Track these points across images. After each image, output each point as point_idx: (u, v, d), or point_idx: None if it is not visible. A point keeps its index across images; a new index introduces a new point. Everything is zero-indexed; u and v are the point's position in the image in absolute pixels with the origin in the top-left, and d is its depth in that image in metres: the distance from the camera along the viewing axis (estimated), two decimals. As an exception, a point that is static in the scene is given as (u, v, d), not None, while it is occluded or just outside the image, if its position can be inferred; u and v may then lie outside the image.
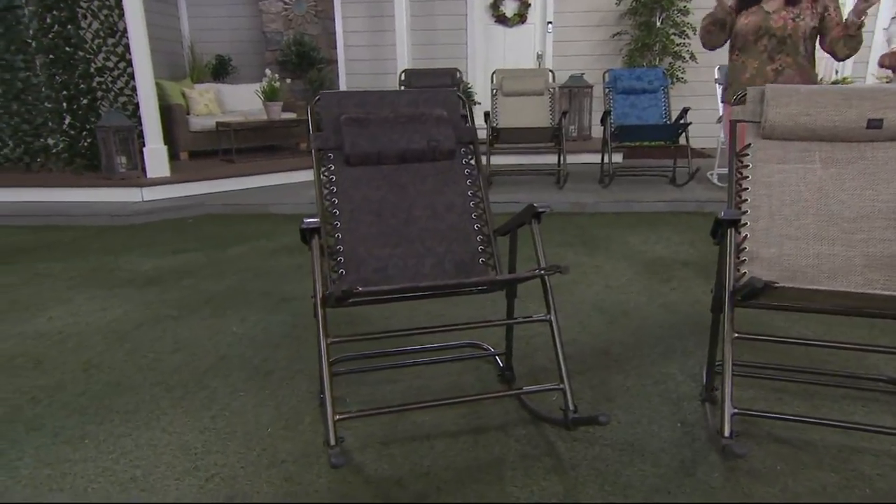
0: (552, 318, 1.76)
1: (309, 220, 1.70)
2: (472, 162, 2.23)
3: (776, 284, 1.44)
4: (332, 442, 1.55)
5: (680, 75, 7.52)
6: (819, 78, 6.06)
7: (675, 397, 2.07)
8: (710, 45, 3.23)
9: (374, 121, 2.16)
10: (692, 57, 7.41)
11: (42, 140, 5.45)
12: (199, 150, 6.90)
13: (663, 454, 1.75)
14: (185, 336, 2.65)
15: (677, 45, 7.40)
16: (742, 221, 2.01)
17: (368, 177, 2.13)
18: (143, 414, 2.02)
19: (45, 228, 4.76)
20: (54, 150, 5.44)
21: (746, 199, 2.05)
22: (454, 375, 2.26)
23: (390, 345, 2.52)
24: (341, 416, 1.63)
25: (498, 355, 2.30)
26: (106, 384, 2.23)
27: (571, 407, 1.69)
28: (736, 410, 1.58)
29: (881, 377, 2.15)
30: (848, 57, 2.99)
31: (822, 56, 7.98)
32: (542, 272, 1.65)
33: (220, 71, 8.98)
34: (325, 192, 2.09)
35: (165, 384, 2.23)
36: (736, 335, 1.64)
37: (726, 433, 1.56)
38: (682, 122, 5.27)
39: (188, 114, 6.90)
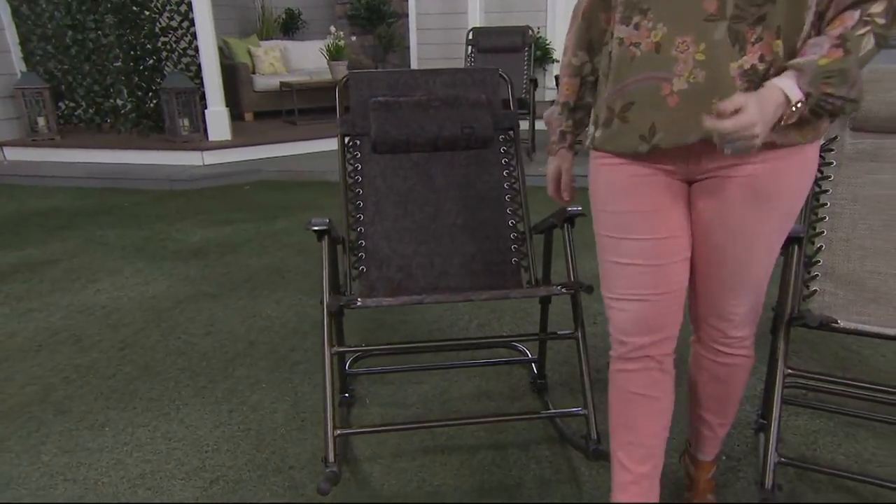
0: (579, 335, 1.65)
1: (317, 220, 1.66)
2: (512, 150, 2.11)
3: (836, 323, 1.26)
4: (331, 458, 1.53)
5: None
6: None
7: (726, 424, 1.92)
8: None
9: (404, 105, 2.06)
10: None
11: (111, 101, 5.70)
12: (264, 111, 7.03)
13: (700, 493, 1.63)
14: (220, 317, 2.72)
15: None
16: (818, 230, 1.80)
17: (396, 166, 2.06)
18: (165, 402, 2.09)
19: (108, 191, 5.01)
20: (122, 111, 5.68)
21: (825, 204, 1.82)
22: (483, 379, 2.19)
23: (423, 336, 2.49)
24: (342, 432, 1.61)
25: (532, 361, 2.21)
26: (136, 366, 2.32)
27: (594, 436, 1.59)
28: (782, 459, 1.43)
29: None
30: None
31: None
32: (563, 290, 1.54)
33: (290, 26, 9.07)
34: (350, 181, 2.04)
35: (192, 370, 2.29)
36: (789, 371, 1.47)
37: (768, 484, 1.41)
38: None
39: (253, 73, 7.02)
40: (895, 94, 1.80)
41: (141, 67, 5.58)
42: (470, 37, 5.76)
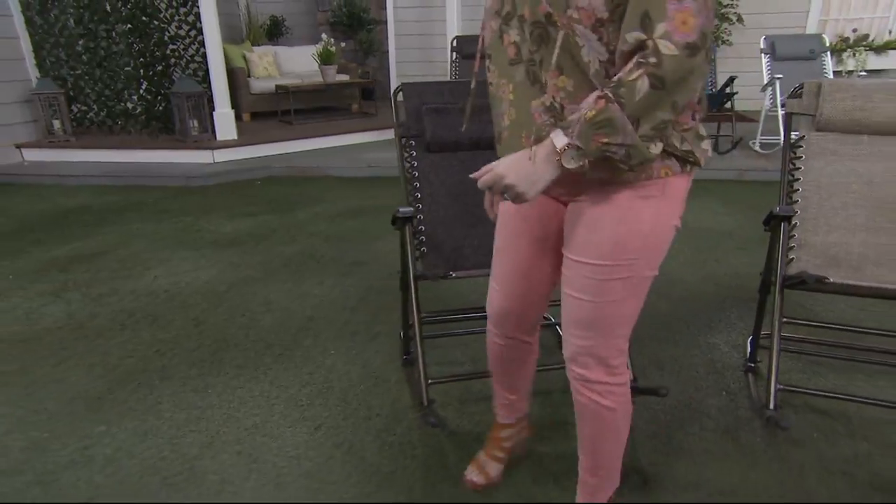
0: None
1: (404, 209, 1.87)
2: (539, 148, 2.34)
3: (827, 280, 1.55)
4: (426, 402, 1.76)
5: (726, 38, 7.33)
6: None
7: (720, 367, 2.22)
8: None
9: (451, 110, 2.28)
10: (739, 19, 7.21)
11: (122, 104, 5.69)
12: (260, 112, 7.07)
13: (709, 419, 1.92)
14: (273, 297, 2.89)
15: (725, 6, 7.20)
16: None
17: (446, 163, 2.27)
18: (251, 368, 2.27)
19: (129, 189, 5.04)
20: (133, 114, 5.68)
21: (798, 189, 2.13)
22: (518, 341, 2.44)
23: (457, 306, 2.72)
24: (433, 381, 1.83)
25: (557, 325, 2.47)
26: (214, 340, 2.49)
27: (631, 377, 1.86)
28: (781, 386, 1.73)
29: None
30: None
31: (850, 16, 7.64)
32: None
33: (275, 32, 9.06)
34: (408, 176, 2.25)
35: (264, 342, 2.47)
36: (786, 319, 1.77)
37: (771, 406, 1.71)
38: (727, 90, 5.20)
39: (249, 76, 7.05)
40: (848, 103, 2.11)
41: (150, 73, 5.58)
42: (454, 44, 5.95)
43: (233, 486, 1.67)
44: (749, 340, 2.25)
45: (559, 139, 0.98)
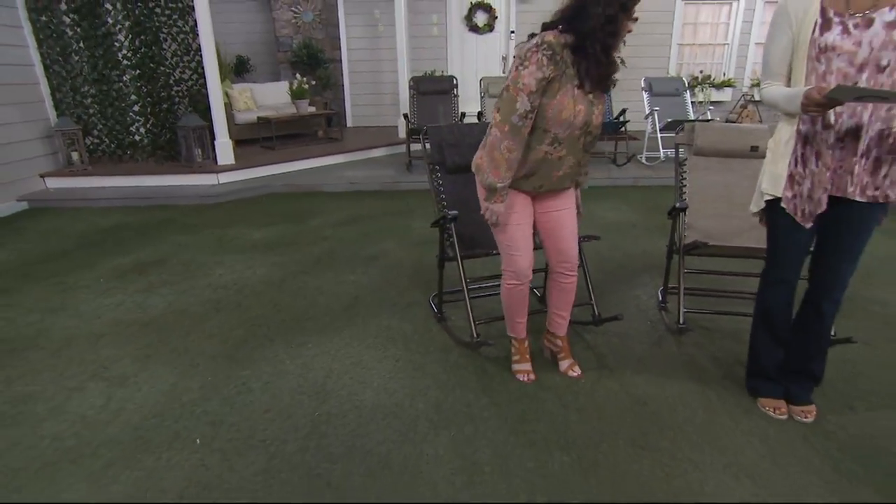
0: (586, 265, 2.66)
1: (451, 211, 2.52)
2: (519, 169, 3.06)
3: (709, 244, 2.38)
4: (476, 335, 2.44)
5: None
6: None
7: (644, 308, 3.04)
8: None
9: (461, 144, 2.95)
10: (623, 62, 8.30)
11: (130, 137, 5.89)
12: (243, 139, 7.38)
13: (643, 337, 2.72)
14: (320, 285, 3.43)
15: (611, 52, 8.30)
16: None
17: (461, 181, 2.94)
18: (330, 332, 2.83)
19: (151, 208, 5.30)
20: (140, 145, 5.90)
21: (685, 192, 2.98)
22: (510, 301, 3.14)
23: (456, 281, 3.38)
24: (479, 322, 2.51)
25: (535, 289, 3.20)
26: (292, 316, 3.01)
27: (597, 313, 2.63)
28: (686, 310, 2.55)
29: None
30: None
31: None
32: (586, 240, 2.54)
33: (240, 69, 9.30)
34: (437, 190, 2.90)
35: (331, 314, 3.03)
36: (686, 271, 2.60)
37: (681, 322, 2.53)
38: (622, 119, 6.19)
39: (232, 109, 7.34)
40: (712, 138, 2.98)
41: (157, 110, 5.83)
42: (411, 83, 6.60)
43: (358, 396, 2.27)
44: (660, 290, 3.08)
45: None
